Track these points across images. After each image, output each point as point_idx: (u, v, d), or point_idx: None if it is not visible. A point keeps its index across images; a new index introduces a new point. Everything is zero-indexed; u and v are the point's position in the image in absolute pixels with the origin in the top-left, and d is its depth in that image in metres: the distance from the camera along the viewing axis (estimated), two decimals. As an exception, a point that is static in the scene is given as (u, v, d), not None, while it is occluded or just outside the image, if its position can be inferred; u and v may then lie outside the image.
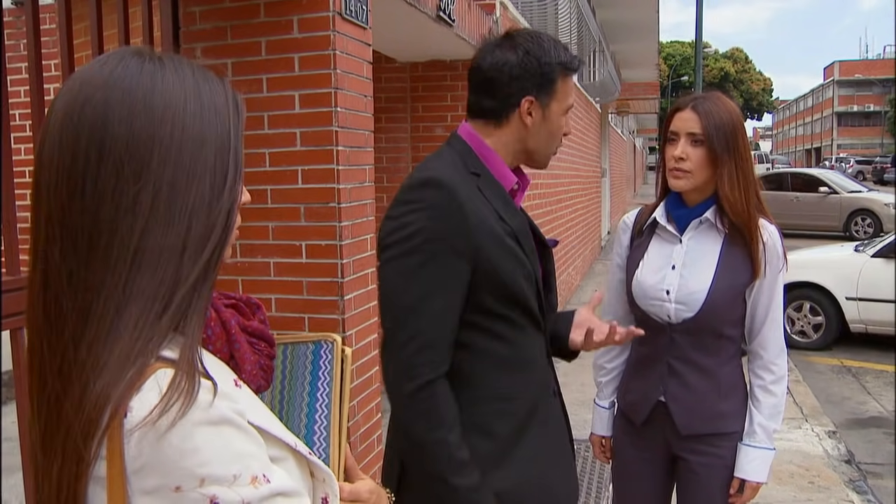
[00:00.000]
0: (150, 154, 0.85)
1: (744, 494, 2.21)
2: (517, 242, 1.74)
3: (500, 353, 1.75)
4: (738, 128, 2.14)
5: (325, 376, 1.18)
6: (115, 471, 0.80)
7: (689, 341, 2.18)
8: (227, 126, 0.92)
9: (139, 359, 0.82)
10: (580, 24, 9.88)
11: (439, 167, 1.74)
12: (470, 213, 1.65)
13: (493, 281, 1.69)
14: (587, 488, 4.36)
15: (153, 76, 0.88)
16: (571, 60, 1.81)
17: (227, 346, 1.05)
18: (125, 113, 0.85)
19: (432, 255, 1.63)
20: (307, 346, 1.21)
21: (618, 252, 2.40)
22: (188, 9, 3.15)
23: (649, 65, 22.28)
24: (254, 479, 0.84)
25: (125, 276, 0.83)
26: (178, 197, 0.86)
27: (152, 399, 0.79)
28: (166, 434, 0.78)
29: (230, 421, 0.84)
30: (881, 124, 72.91)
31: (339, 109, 3.04)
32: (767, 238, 2.16)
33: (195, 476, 0.80)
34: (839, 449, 5.06)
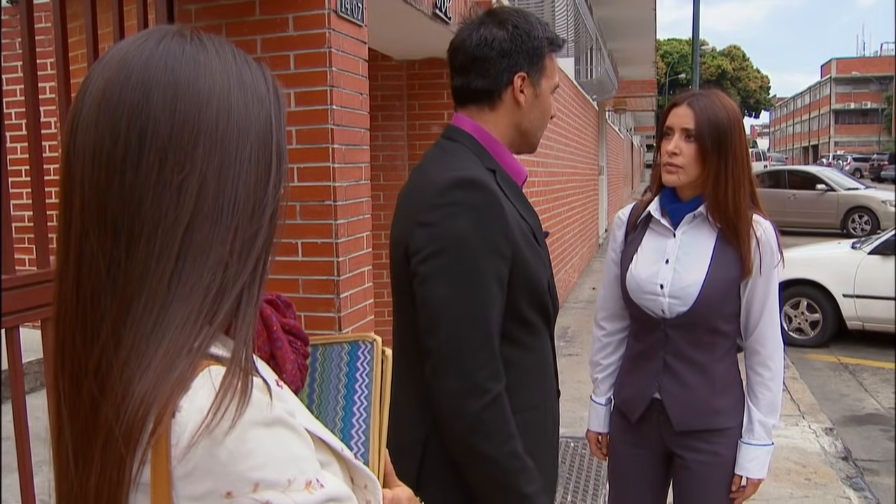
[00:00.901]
0: (195, 142, 0.79)
1: (746, 491, 2.22)
2: (537, 242, 1.70)
3: (526, 364, 1.68)
4: (734, 126, 2.14)
5: (363, 378, 1.12)
6: (160, 476, 0.74)
7: (684, 337, 2.18)
8: (269, 114, 0.86)
9: (186, 357, 0.76)
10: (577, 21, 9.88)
11: (468, 166, 1.64)
12: (508, 213, 1.58)
13: (527, 284, 1.63)
14: (584, 485, 4.36)
15: (196, 58, 0.82)
16: (556, 38, 1.76)
17: (268, 344, 1.00)
18: (169, 96, 0.78)
19: (484, 260, 1.54)
20: (342, 346, 1.14)
21: (613, 247, 2.40)
22: (183, 7, 3.14)
23: (646, 62, 22.29)
24: (308, 483, 0.79)
25: (170, 271, 0.78)
26: (224, 188, 0.80)
27: (203, 399, 0.74)
28: (219, 436, 0.73)
29: (284, 422, 0.79)
30: (878, 121, 73.04)
31: (334, 107, 3.03)
32: (762, 234, 2.16)
33: (249, 481, 0.75)
34: (836, 446, 5.07)
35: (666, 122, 2.21)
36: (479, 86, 1.71)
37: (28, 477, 2.00)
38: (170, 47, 0.81)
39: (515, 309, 1.61)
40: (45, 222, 2.12)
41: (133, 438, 0.74)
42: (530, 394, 1.69)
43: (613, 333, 2.42)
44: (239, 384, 0.76)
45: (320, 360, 1.15)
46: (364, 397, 1.11)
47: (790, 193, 18.31)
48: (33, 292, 2.01)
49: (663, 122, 2.23)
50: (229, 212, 0.81)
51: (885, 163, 41.79)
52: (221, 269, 0.80)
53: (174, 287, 0.78)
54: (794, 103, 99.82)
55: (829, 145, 77.07)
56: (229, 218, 0.81)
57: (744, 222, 2.14)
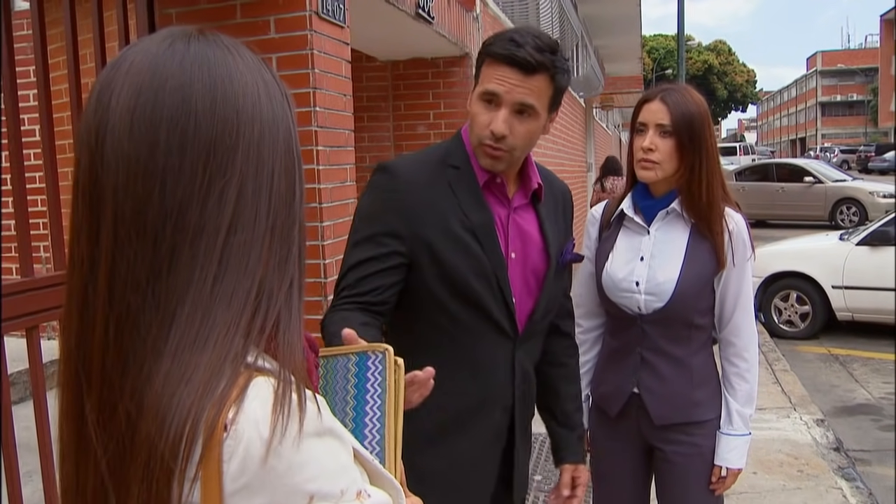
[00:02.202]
0: (235, 145, 0.77)
1: (726, 481, 2.23)
2: (475, 238, 1.74)
3: (443, 351, 1.74)
4: (705, 120, 2.15)
5: (375, 388, 1.10)
6: (211, 493, 0.71)
7: (661, 332, 2.18)
8: (288, 115, 0.84)
9: (230, 366, 0.73)
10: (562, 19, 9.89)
11: (407, 156, 1.89)
12: (411, 197, 1.73)
13: (439, 270, 1.73)
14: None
15: (226, 59, 0.79)
16: (496, 45, 1.71)
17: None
18: (208, 99, 0.76)
19: (367, 234, 1.74)
20: (347, 358, 1.13)
21: (587, 245, 2.40)
22: (164, 10, 3.13)
23: (633, 59, 22.31)
24: (359, 493, 0.78)
25: (212, 279, 0.75)
26: (261, 192, 0.79)
27: (258, 411, 0.71)
28: (276, 448, 0.71)
29: (332, 431, 0.77)
30: (865, 113, 73.33)
31: (317, 109, 3.03)
32: (734, 227, 2.17)
33: (304, 493, 0.73)
34: (827, 437, 5.08)
35: (638, 118, 2.21)
36: None
37: (16, 488, 1.99)
38: (201, 49, 0.79)
39: (433, 292, 1.75)
40: (29, 231, 2.11)
41: (181, 455, 0.70)
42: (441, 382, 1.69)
43: (589, 330, 2.42)
44: (294, 395, 0.73)
45: (322, 372, 1.13)
46: (377, 407, 1.09)
47: (778, 186, 18.39)
48: (19, 301, 2.00)
49: (635, 118, 2.23)
50: (265, 214, 0.79)
51: (872, 154, 41.96)
52: (260, 274, 0.78)
53: (216, 294, 0.75)
54: (781, 97, 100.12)
55: (817, 138, 77.33)
56: (266, 220, 0.79)
57: (717, 215, 2.15)
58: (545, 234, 1.89)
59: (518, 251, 1.84)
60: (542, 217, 1.90)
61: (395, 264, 1.72)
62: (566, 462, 2.06)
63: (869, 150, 44.09)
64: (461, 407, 1.80)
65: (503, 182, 1.82)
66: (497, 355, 1.81)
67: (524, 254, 1.85)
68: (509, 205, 1.85)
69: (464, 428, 1.81)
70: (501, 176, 1.82)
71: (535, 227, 1.89)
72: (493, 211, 1.80)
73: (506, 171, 1.81)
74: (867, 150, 44.80)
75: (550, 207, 1.95)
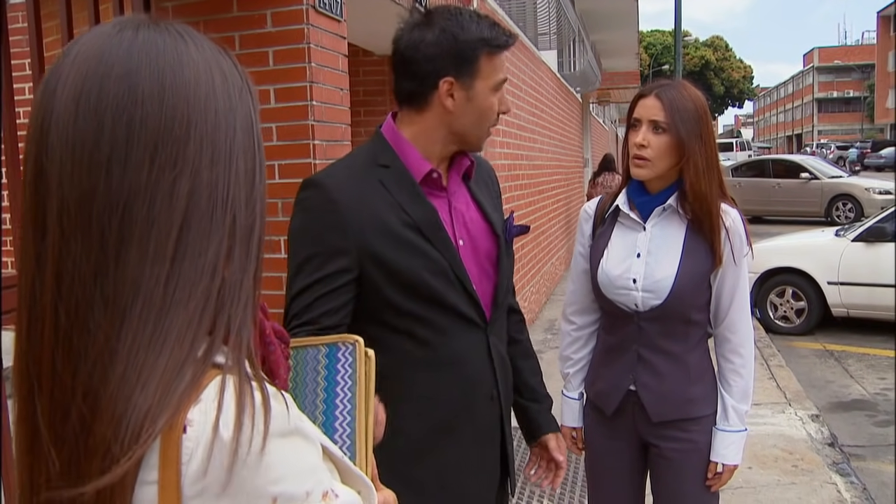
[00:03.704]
0: (186, 136, 0.73)
1: (722, 477, 2.22)
2: (421, 235, 1.68)
3: (416, 354, 1.71)
4: (703, 115, 2.13)
5: (345, 380, 1.08)
6: (169, 496, 0.68)
7: (657, 328, 2.18)
8: (248, 104, 0.81)
9: (192, 366, 0.71)
10: (559, 14, 9.88)
11: (333, 166, 1.79)
12: (346, 208, 1.64)
13: (392, 277, 1.66)
14: (573, 477, 4.37)
15: (177, 47, 0.76)
16: (495, 37, 1.69)
17: (261, 348, 0.94)
18: (156, 88, 0.73)
19: (305, 253, 1.66)
20: (317, 349, 1.11)
21: (580, 241, 2.38)
22: (160, 4, 3.12)
23: (630, 54, 22.30)
24: (325, 494, 0.76)
25: (165, 274, 0.72)
26: (217, 185, 0.75)
27: (219, 411, 0.69)
28: (239, 450, 0.68)
29: (298, 431, 0.75)
30: (861, 110, 73.41)
31: (314, 103, 3.02)
32: (731, 223, 2.16)
33: (267, 496, 0.70)
34: (822, 432, 5.09)
35: (633, 113, 2.19)
36: (407, 88, 1.73)
37: (12, 483, 1.98)
38: (149, 37, 0.75)
39: (387, 299, 1.68)
40: None
41: (136, 457, 0.68)
42: (423, 385, 1.73)
43: (584, 327, 2.41)
44: (257, 394, 0.71)
45: (293, 364, 1.11)
46: (347, 400, 1.07)
47: (774, 182, 18.41)
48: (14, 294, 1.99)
49: (630, 113, 2.21)
50: (223, 208, 0.76)
51: (868, 151, 42.02)
52: (219, 271, 0.75)
53: (171, 291, 0.72)
54: (778, 93, 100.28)
55: (813, 134, 77.45)
56: (224, 214, 0.76)
57: (714, 212, 2.13)
58: (486, 213, 1.84)
59: (465, 237, 1.79)
60: (477, 196, 1.85)
61: (344, 283, 1.65)
62: (544, 433, 2.02)
63: (865, 147, 44.15)
64: (447, 409, 1.75)
65: (439, 175, 1.77)
66: (472, 347, 1.77)
67: (471, 239, 1.80)
68: (446, 193, 1.80)
69: (455, 431, 1.76)
70: (437, 170, 1.77)
71: (474, 210, 1.84)
72: (434, 204, 1.75)
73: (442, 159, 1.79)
74: (863, 146, 44.87)
75: (482, 185, 1.90)
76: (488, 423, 1.83)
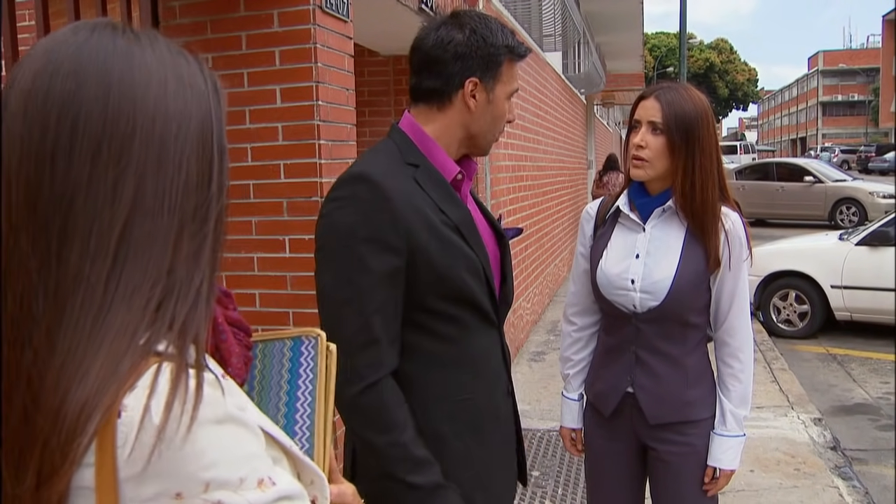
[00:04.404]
0: (131, 134, 0.76)
1: (718, 482, 2.22)
2: (460, 235, 1.68)
3: (447, 355, 1.70)
4: (702, 119, 2.13)
5: (307, 373, 1.09)
6: (106, 479, 0.71)
7: (655, 330, 2.18)
8: (208, 106, 0.83)
9: (130, 358, 0.73)
10: (564, 15, 9.88)
11: (371, 161, 1.71)
12: (400, 207, 1.60)
13: (433, 276, 1.63)
14: (574, 478, 4.38)
15: (130, 50, 0.79)
16: (518, 46, 1.76)
17: (213, 337, 0.95)
18: (101, 88, 0.75)
19: (363, 252, 1.58)
20: (283, 342, 1.12)
21: (581, 242, 2.39)
22: (168, 3, 3.13)
23: (634, 56, 22.30)
24: (260, 481, 0.77)
25: (107, 271, 0.74)
26: (164, 184, 0.77)
27: (152, 397, 0.71)
28: (171, 436, 0.70)
29: (235, 418, 0.76)
30: (865, 113, 73.30)
31: (320, 103, 3.03)
32: (730, 226, 2.16)
33: (199, 481, 0.72)
34: (825, 436, 5.09)
35: (634, 114, 2.21)
36: (429, 86, 1.74)
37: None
38: (101, 39, 0.78)
39: (420, 298, 1.64)
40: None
41: (73, 447, 0.70)
42: (455, 386, 1.71)
43: (584, 328, 2.41)
44: (191, 381, 0.73)
45: (260, 356, 1.13)
46: (308, 392, 1.09)
47: (778, 186, 18.40)
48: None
49: (632, 115, 2.23)
50: (171, 208, 0.78)
51: (873, 154, 41.95)
52: (166, 270, 0.77)
53: (112, 289, 0.74)
54: (782, 96, 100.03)
55: (817, 137, 77.31)
56: (171, 215, 0.78)
57: (711, 216, 2.13)
58: (489, 216, 1.88)
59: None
60: (477, 199, 1.89)
61: (400, 281, 1.62)
62: None
63: (869, 151, 44.07)
64: (477, 409, 1.75)
65: (463, 177, 1.78)
66: (490, 345, 1.80)
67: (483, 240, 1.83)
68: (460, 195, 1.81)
69: (482, 431, 1.75)
70: (468, 169, 1.80)
71: (476, 208, 1.87)
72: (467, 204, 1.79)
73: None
74: (867, 150, 44.79)
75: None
76: (508, 420, 1.86)
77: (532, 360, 6.75)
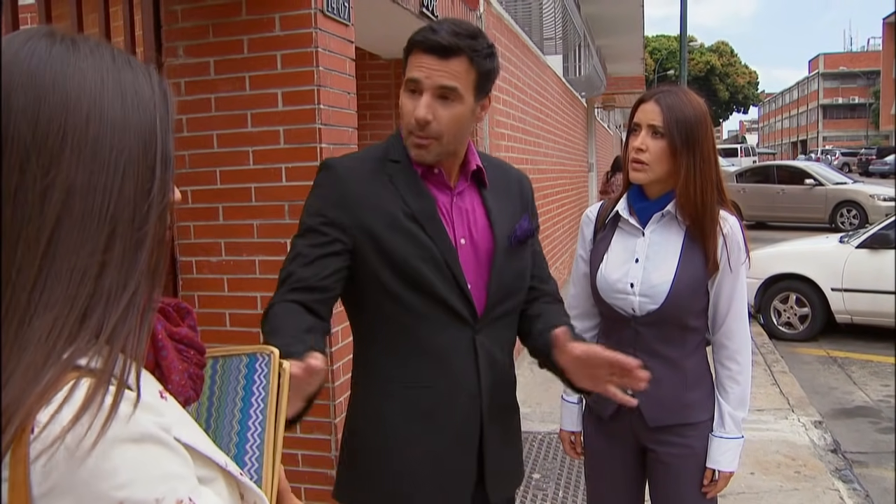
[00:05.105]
0: (60, 145, 0.75)
1: (717, 484, 2.23)
2: (417, 224, 1.75)
3: (406, 344, 1.78)
4: (701, 122, 2.14)
5: (259, 391, 1.09)
6: (20, 495, 0.70)
7: (654, 333, 2.19)
8: (152, 116, 0.82)
9: (52, 369, 0.72)
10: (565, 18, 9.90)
11: (349, 154, 1.99)
12: (352, 190, 1.76)
13: (385, 257, 1.74)
14: (575, 481, 4.38)
15: (64, 58, 0.78)
16: (415, 34, 1.74)
17: (153, 353, 0.94)
18: (30, 98, 0.75)
19: (310, 225, 1.77)
20: (240, 359, 1.12)
21: (582, 246, 2.40)
22: (170, 7, 3.14)
23: (635, 59, 22.33)
24: (179, 502, 0.76)
25: (32, 280, 0.73)
26: (96, 195, 0.76)
27: (64, 412, 0.70)
28: (79, 452, 0.69)
29: (154, 437, 0.75)
30: (866, 116, 73.32)
31: (321, 107, 3.04)
32: (728, 230, 2.18)
33: (112, 500, 0.71)
34: (825, 439, 5.10)
35: (633, 118, 2.22)
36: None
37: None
38: (35, 48, 0.78)
39: (375, 277, 1.76)
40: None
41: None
42: (402, 371, 1.81)
43: (583, 331, 2.39)
44: (107, 398, 0.72)
45: (219, 372, 1.12)
46: (259, 411, 1.08)
47: (779, 188, 18.40)
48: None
49: (631, 118, 2.24)
50: (102, 218, 0.77)
51: (873, 157, 41.94)
52: (93, 278, 0.76)
53: (36, 296, 0.74)
54: (783, 98, 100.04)
55: (818, 140, 77.30)
56: (103, 224, 0.77)
57: (710, 219, 2.15)
58: (490, 214, 1.87)
59: (467, 237, 1.84)
60: (488, 199, 1.88)
61: (337, 250, 1.74)
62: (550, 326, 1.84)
63: (870, 154, 44.08)
64: (427, 398, 1.80)
65: (441, 172, 1.82)
66: (457, 342, 1.80)
67: (472, 238, 1.84)
68: (451, 191, 1.85)
69: (433, 420, 1.80)
70: (439, 166, 1.81)
71: (480, 210, 1.87)
72: (436, 198, 1.81)
73: (438, 161, 1.80)
74: (868, 153, 44.80)
75: (501, 191, 1.93)
76: (467, 421, 1.83)
77: (533, 363, 6.73)
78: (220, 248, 3.22)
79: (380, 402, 1.83)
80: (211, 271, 3.24)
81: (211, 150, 3.14)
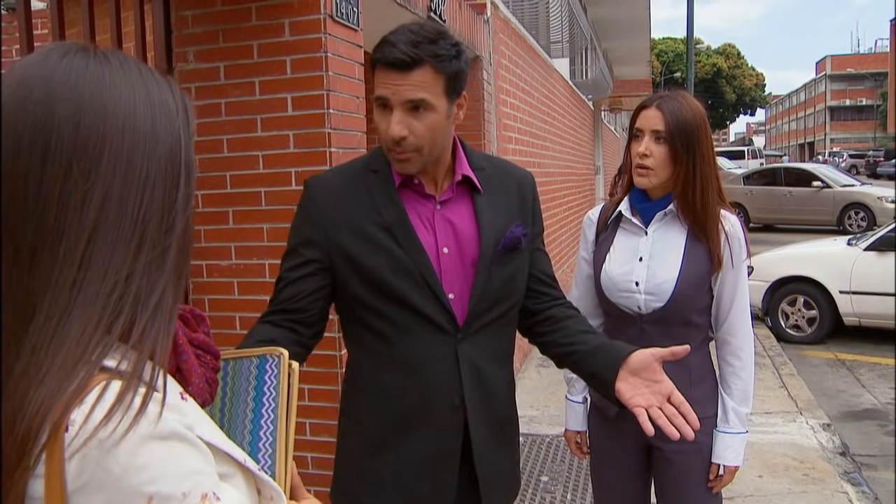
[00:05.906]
0: (100, 153, 0.80)
1: (723, 479, 2.26)
2: (389, 235, 1.74)
3: (380, 351, 1.79)
4: (701, 126, 2.19)
5: (270, 391, 1.14)
6: (54, 490, 0.74)
7: (659, 331, 2.21)
8: (177, 127, 0.87)
9: (83, 368, 0.76)
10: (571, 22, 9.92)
11: (331, 168, 2.05)
12: (323, 206, 1.79)
13: (356, 271, 1.75)
14: (584, 482, 4.38)
15: (100, 73, 0.83)
16: (375, 51, 1.69)
17: (174, 357, 1.00)
18: (72, 110, 0.80)
19: (291, 246, 1.83)
20: (251, 360, 1.17)
21: (584, 247, 2.44)
22: (180, 13, 3.17)
23: (642, 62, 22.32)
24: (204, 496, 0.80)
25: (71, 280, 0.78)
26: (129, 200, 0.81)
27: (97, 412, 0.74)
28: (112, 450, 0.74)
29: (179, 435, 0.80)
30: (874, 118, 73.13)
31: (331, 111, 3.06)
32: (730, 228, 2.23)
33: (142, 495, 0.75)
34: (834, 441, 5.09)
35: (636, 124, 2.26)
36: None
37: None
38: (73, 62, 0.83)
39: (350, 291, 1.78)
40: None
41: (25, 452, 0.74)
42: (382, 383, 1.82)
43: None
44: (136, 398, 0.76)
45: (231, 374, 1.17)
46: (271, 410, 1.12)
47: (786, 191, 18.35)
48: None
49: (633, 124, 2.28)
50: (134, 223, 0.82)
51: (881, 159, 41.83)
52: (124, 279, 0.80)
53: (75, 296, 0.78)
54: (790, 100, 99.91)
55: (825, 142, 77.19)
56: (134, 229, 0.82)
57: (712, 219, 2.20)
58: (480, 221, 1.82)
59: (451, 245, 1.80)
60: (480, 206, 1.83)
61: (312, 271, 1.78)
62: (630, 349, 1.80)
63: (878, 155, 43.96)
64: (404, 408, 1.79)
65: (420, 182, 1.80)
66: (437, 352, 1.77)
67: (458, 247, 1.80)
68: (433, 201, 1.81)
69: (411, 430, 1.79)
70: (420, 176, 1.79)
71: (468, 219, 1.83)
72: (413, 208, 1.79)
73: (424, 170, 1.78)
74: (876, 154, 44.68)
75: (497, 195, 1.87)
76: (448, 430, 1.81)
77: (540, 366, 6.75)
78: (230, 252, 3.24)
79: (360, 410, 1.86)
80: (221, 275, 3.26)
81: (221, 155, 3.16)
